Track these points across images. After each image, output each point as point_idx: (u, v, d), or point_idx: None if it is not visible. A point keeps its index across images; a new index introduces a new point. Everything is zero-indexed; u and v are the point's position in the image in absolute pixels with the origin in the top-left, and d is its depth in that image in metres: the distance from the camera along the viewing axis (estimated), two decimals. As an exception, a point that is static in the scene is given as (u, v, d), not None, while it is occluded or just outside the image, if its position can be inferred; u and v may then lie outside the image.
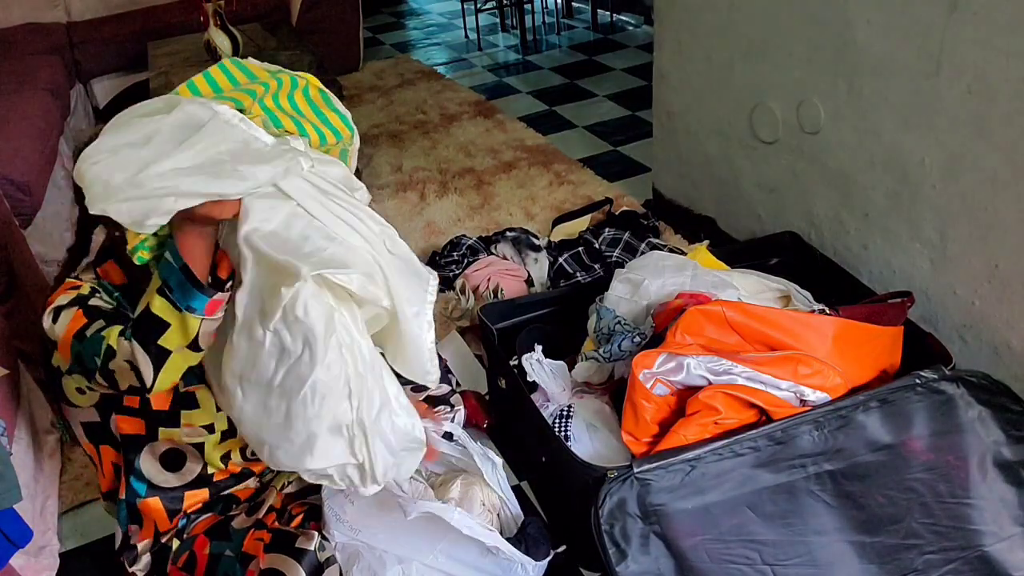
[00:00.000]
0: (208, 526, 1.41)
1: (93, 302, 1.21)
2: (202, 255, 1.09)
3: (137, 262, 1.15)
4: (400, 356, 1.20)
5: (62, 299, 1.21)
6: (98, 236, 1.32)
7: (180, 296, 1.08)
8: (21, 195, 2.48)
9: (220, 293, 1.10)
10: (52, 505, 1.79)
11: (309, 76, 1.23)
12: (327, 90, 1.24)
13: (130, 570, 1.40)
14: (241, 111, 1.10)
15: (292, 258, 1.03)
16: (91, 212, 1.01)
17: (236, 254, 1.08)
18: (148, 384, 1.12)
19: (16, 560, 1.51)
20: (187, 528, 1.41)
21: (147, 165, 0.99)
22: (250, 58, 1.24)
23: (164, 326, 1.09)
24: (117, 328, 1.14)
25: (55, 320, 1.19)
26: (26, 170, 2.57)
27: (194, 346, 1.12)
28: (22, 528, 1.47)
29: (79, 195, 1.07)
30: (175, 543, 1.40)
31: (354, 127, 1.25)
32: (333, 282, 1.05)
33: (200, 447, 1.38)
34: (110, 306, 1.23)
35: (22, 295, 2.02)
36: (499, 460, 1.59)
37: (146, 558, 1.41)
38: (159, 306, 1.09)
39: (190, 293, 1.08)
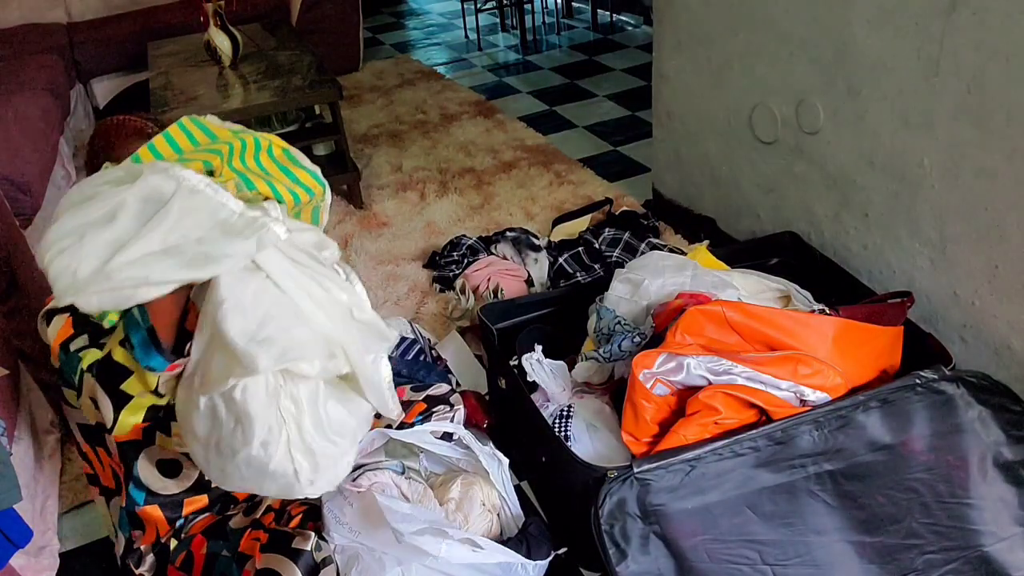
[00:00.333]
0: (205, 526, 1.41)
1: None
2: (171, 318, 1.07)
3: (107, 324, 1.13)
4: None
5: (56, 302, 1.21)
6: None
7: (141, 355, 1.06)
8: (21, 195, 2.48)
9: (181, 359, 1.07)
10: (52, 505, 1.78)
11: (272, 136, 1.19)
12: (291, 148, 1.20)
13: (137, 572, 1.40)
14: (211, 172, 1.06)
15: (252, 345, 0.96)
16: (60, 305, 0.97)
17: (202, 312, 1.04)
18: (108, 425, 1.11)
19: (16, 560, 1.51)
20: (185, 528, 1.41)
21: (115, 251, 0.93)
22: (210, 116, 1.20)
23: (126, 373, 1.08)
24: (93, 354, 1.13)
25: (48, 323, 1.19)
26: (26, 170, 2.57)
27: (156, 393, 1.11)
28: (22, 528, 1.47)
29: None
30: (173, 543, 1.40)
31: (324, 182, 1.21)
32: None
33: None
34: (100, 327, 1.22)
35: (22, 295, 2.02)
36: (505, 459, 1.59)
37: (150, 558, 1.41)
38: (121, 355, 1.08)
39: (151, 355, 1.06)
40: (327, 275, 1.08)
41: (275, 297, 1.00)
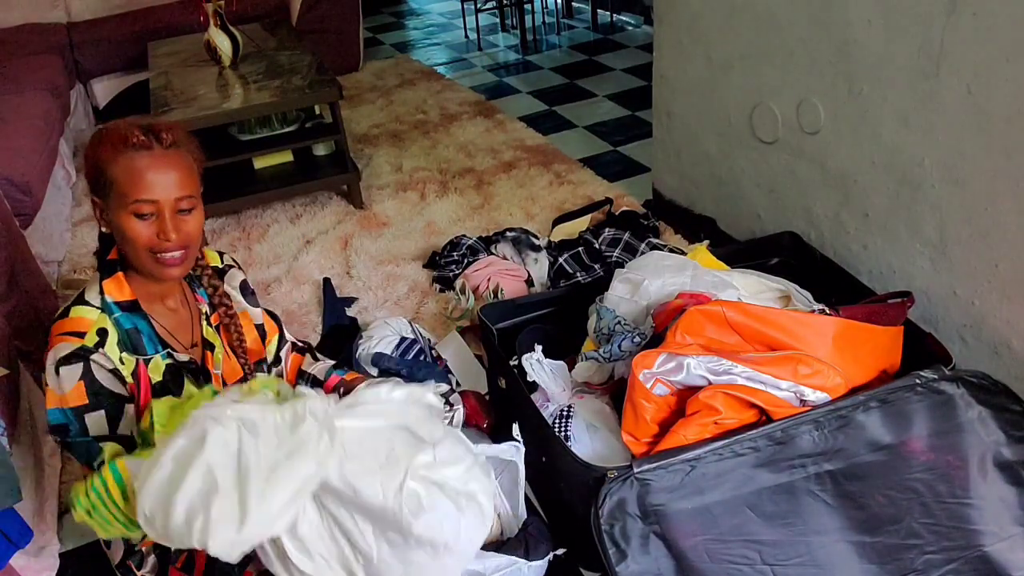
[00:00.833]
0: (207, 526, 1.41)
1: (96, 367, 1.22)
2: None
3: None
4: None
5: (64, 347, 1.21)
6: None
7: None
8: (21, 195, 2.48)
9: None
10: (52, 505, 1.79)
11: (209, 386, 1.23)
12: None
13: (138, 573, 1.40)
14: (214, 393, 1.11)
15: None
16: (234, 562, 1.01)
17: None
18: (134, 543, 1.15)
19: (16, 560, 1.51)
20: (186, 529, 1.41)
21: (244, 508, 0.98)
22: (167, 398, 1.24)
23: None
24: (113, 448, 1.15)
25: (57, 373, 1.20)
26: (26, 170, 2.57)
27: None
28: (22, 528, 1.47)
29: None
30: (174, 544, 1.40)
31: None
32: None
33: None
34: (111, 377, 1.24)
35: (22, 295, 2.02)
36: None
37: (152, 559, 1.41)
38: None
39: None
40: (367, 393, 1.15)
41: (372, 433, 1.08)
